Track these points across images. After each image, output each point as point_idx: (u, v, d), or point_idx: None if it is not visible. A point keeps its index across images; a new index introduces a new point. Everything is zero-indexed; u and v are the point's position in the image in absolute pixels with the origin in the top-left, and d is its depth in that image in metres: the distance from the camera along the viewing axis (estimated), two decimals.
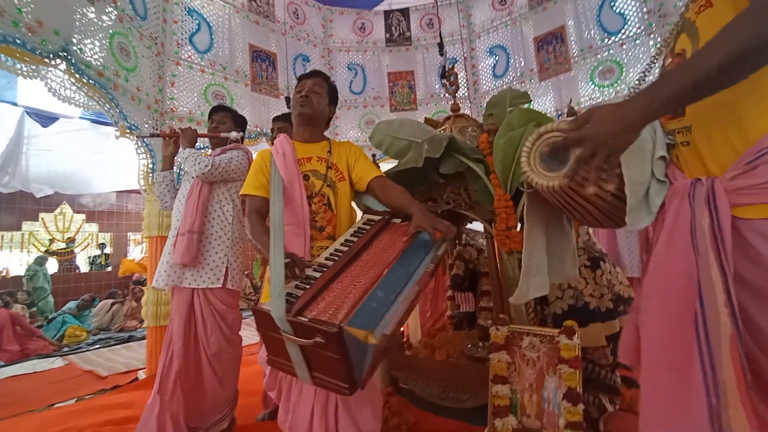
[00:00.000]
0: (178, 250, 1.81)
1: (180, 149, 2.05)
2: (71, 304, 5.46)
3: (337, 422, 1.26)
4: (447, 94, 2.43)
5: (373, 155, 2.44)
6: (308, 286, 1.10)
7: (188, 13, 3.48)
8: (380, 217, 1.49)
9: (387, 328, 0.98)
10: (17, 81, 5.82)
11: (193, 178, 1.94)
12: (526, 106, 2.13)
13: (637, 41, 3.87)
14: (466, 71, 4.96)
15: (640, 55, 3.87)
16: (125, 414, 2.17)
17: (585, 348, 1.81)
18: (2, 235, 6.47)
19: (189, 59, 3.44)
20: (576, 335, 1.55)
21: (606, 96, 4.09)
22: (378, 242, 1.34)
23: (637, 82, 0.98)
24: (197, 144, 2.09)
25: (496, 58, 4.81)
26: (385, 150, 2.17)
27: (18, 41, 1.96)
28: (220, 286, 1.86)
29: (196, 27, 3.50)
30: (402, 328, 2.63)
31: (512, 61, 4.67)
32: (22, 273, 6.57)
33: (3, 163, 6.07)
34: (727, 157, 0.77)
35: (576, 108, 4.27)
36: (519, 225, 1.90)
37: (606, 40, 4.04)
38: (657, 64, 1.01)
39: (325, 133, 1.69)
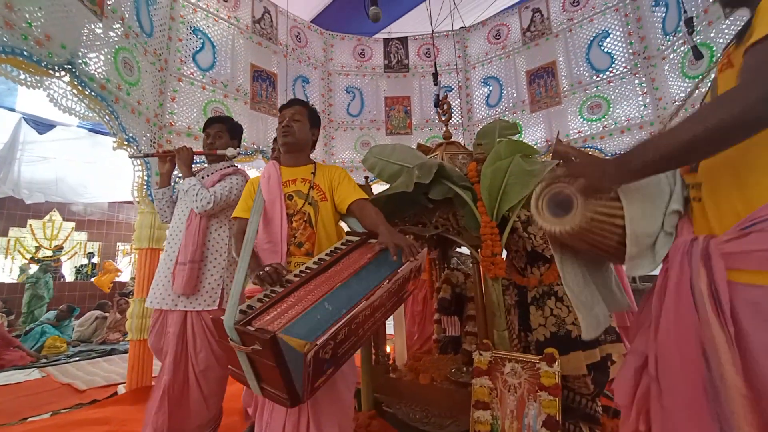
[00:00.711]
0: (179, 282, 1.82)
1: (177, 167, 2.08)
2: (50, 314, 5.34)
3: None
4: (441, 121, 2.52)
5: (366, 177, 2.50)
6: (268, 299, 1.14)
7: (193, 32, 3.59)
8: (359, 238, 1.52)
9: (321, 339, 0.99)
10: (18, 87, 5.87)
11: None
12: (515, 137, 2.22)
13: (624, 79, 4.06)
14: (460, 99, 5.12)
15: (626, 93, 4.05)
16: (102, 430, 2.12)
17: (566, 376, 1.83)
18: None
19: (191, 76, 3.52)
20: (556, 363, 1.58)
21: (594, 130, 4.25)
22: (347, 259, 1.36)
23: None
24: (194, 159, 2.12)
25: (490, 89, 4.98)
26: (377, 173, 2.23)
27: (25, 53, 2.01)
28: (216, 308, 1.87)
29: (200, 45, 3.61)
30: (389, 350, 2.63)
31: (505, 92, 4.84)
32: (5, 281, 6.44)
33: None
34: (730, 220, 0.79)
35: (564, 140, 4.43)
36: (504, 252, 1.96)
37: (594, 77, 4.22)
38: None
39: (320, 152, 1.85)
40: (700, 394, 0.74)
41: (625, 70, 4.04)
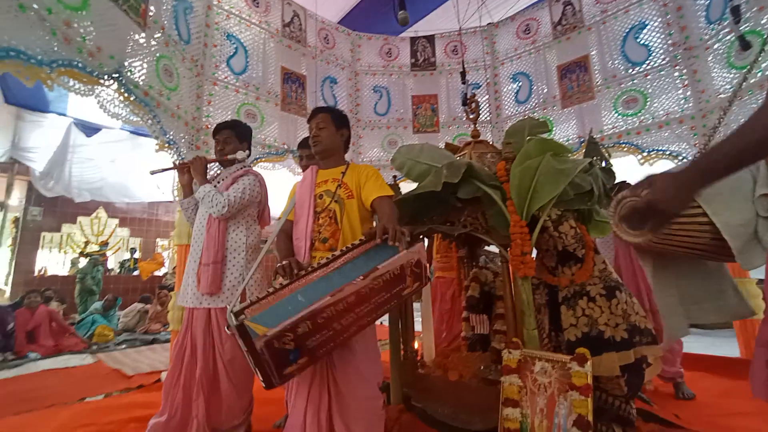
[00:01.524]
0: (204, 282, 1.93)
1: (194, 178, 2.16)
2: (98, 305, 5.72)
3: (331, 427, 1.33)
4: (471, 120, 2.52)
5: (394, 176, 2.54)
6: (272, 291, 1.23)
7: (227, 37, 3.74)
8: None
9: (273, 330, 1.05)
10: (68, 94, 6.30)
11: None
12: (545, 135, 2.19)
13: (662, 72, 3.89)
14: (488, 96, 5.06)
15: (665, 86, 3.88)
16: (148, 413, 2.27)
17: (598, 377, 1.80)
18: (44, 236, 6.86)
19: (225, 80, 3.68)
20: (587, 363, 1.57)
21: (629, 125, 4.09)
22: (350, 255, 1.35)
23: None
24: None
25: (519, 85, 4.89)
26: (405, 173, 2.26)
27: (80, 65, 2.18)
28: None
29: (234, 51, 3.75)
30: (417, 347, 2.66)
31: (535, 87, 4.75)
32: (59, 272, 6.94)
33: (49, 170, 6.52)
34: None
35: (598, 136, 4.29)
36: (534, 251, 1.95)
37: (630, 71, 4.07)
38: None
39: (348, 151, 1.90)
40: None
41: (663, 62, 3.87)
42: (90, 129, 6.77)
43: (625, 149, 4.12)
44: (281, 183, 3.61)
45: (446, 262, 3.56)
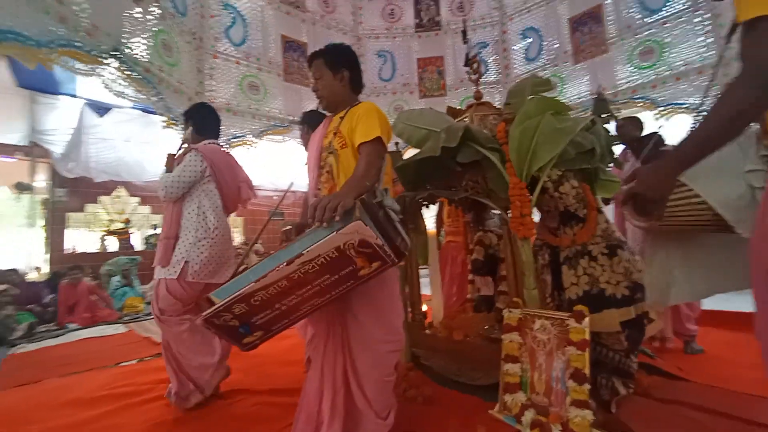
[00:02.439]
0: (158, 254, 2.07)
1: None
2: (118, 282, 6.08)
3: (348, 388, 1.40)
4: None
5: (396, 143, 2.53)
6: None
7: (224, 7, 3.66)
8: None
9: (211, 309, 1.15)
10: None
11: None
12: (548, 94, 2.13)
13: (682, 19, 3.65)
14: (497, 55, 4.88)
15: (684, 34, 3.65)
16: None
17: (599, 333, 1.85)
18: (69, 216, 7.15)
19: (225, 52, 3.64)
20: (585, 320, 1.61)
21: (645, 78, 3.90)
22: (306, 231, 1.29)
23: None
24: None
25: (529, 41, 4.68)
26: (406, 139, 2.26)
27: (78, 44, 2.20)
28: (175, 278, 2.02)
29: (232, 21, 3.69)
30: (425, 309, 2.75)
31: (545, 43, 4.54)
32: (87, 249, 7.28)
33: (68, 151, 6.68)
34: None
35: (612, 91, 4.12)
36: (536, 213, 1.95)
37: (646, 19, 3.83)
38: None
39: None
40: None
41: (683, 7, 3.62)
42: (101, 109, 6.86)
43: (640, 105, 3.95)
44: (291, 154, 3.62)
45: (456, 227, 3.58)
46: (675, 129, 3.58)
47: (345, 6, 4.82)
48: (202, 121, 2.27)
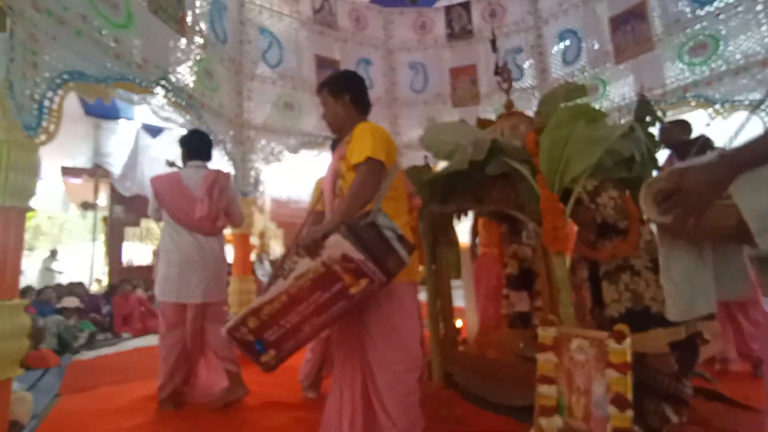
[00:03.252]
0: None
1: None
2: None
3: (368, 407, 1.39)
4: (515, 85, 2.40)
5: (425, 156, 2.52)
6: None
7: (260, 32, 3.86)
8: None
9: (235, 319, 1.26)
10: None
11: None
12: (590, 97, 2.04)
13: (739, 8, 3.36)
14: (533, 60, 4.75)
15: (743, 25, 3.35)
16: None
17: (645, 354, 1.71)
18: (127, 231, 7.77)
19: (262, 75, 3.83)
20: (626, 340, 1.49)
21: (698, 75, 3.62)
22: None
23: None
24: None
25: (567, 44, 4.52)
26: (434, 153, 2.25)
27: (131, 78, 2.40)
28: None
29: (268, 44, 3.88)
30: (460, 325, 2.69)
31: (585, 44, 4.35)
32: (143, 263, 7.85)
33: (125, 171, 7.30)
34: None
35: (659, 91, 3.86)
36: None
37: (698, 12, 3.57)
38: None
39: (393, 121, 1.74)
40: None
41: None
42: (154, 131, 7.43)
43: (693, 104, 3.67)
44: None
45: (490, 238, 3.49)
46: (727, 128, 3.29)
47: (376, 21, 4.91)
48: (188, 146, 2.50)
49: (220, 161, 3.41)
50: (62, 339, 3.95)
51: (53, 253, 7.40)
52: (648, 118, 2.15)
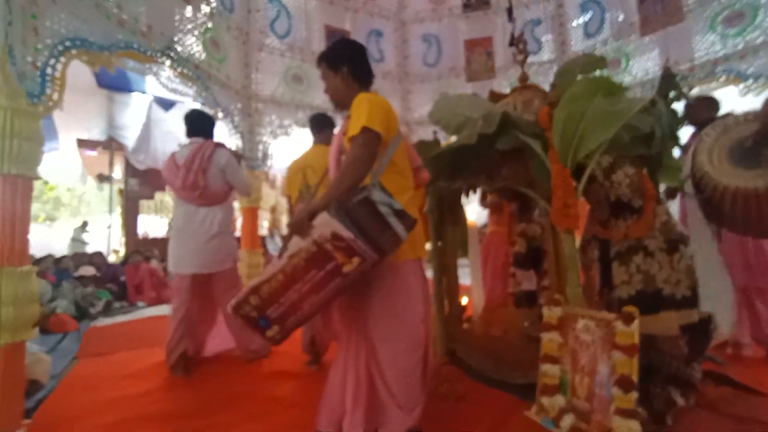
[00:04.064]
0: None
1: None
2: None
3: (371, 380, 1.39)
4: (532, 58, 2.29)
5: (434, 131, 2.45)
6: None
7: (269, 1, 3.74)
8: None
9: (239, 296, 1.27)
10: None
11: None
12: (609, 72, 1.93)
13: None
14: (553, 33, 4.53)
15: None
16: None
17: (654, 337, 1.67)
18: (142, 203, 7.91)
19: (270, 45, 3.73)
20: (634, 322, 1.45)
21: (730, 48, 3.41)
22: None
23: None
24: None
25: (589, 15, 4.28)
26: (443, 126, 2.17)
27: (135, 46, 2.35)
28: None
29: (276, 14, 3.76)
30: (464, 303, 2.67)
31: (608, 15, 4.12)
32: (158, 235, 8.02)
33: (139, 144, 7.34)
34: None
35: (687, 65, 3.64)
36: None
37: None
38: None
39: (397, 108, 1.65)
40: None
41: None
42: (167, 104, 7.41)
43: (722, 79, 3.47)
44: None
45: (499, 217, 3.43)
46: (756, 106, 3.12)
47: None
48: (188, 125, 2.53)
49: (227, 134, 3.39)
50: (79, 305, 4.09)
51: (84, 225, 7.55)
52: (672, 94, 2.03)
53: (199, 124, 2.52)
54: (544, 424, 1.59)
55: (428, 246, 2.22)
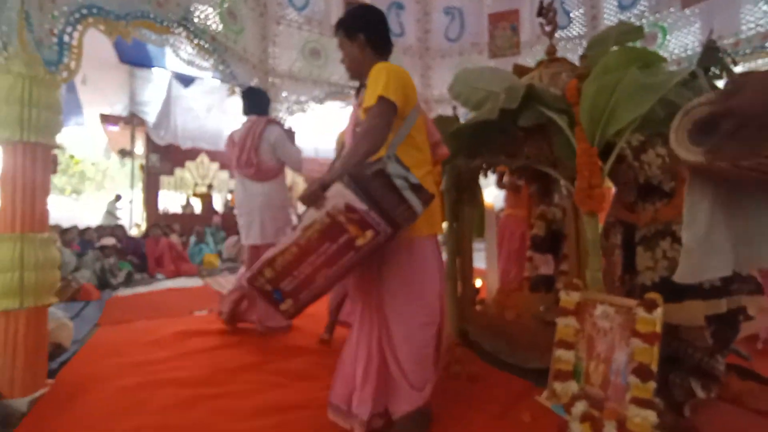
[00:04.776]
0: None
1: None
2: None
3: (382, 356, 1.38)
4: (561, 33, 2.16)
5: (454, 107, 2.35)
6: None
7: None
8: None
9: (254, 268, 1.26)
10: (166, 48, 6.92)
11: None
12: (641, 44, 1.79)
13: None
14: (585, 6, 4.27)
15: None
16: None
17: (677, 326, 1.60)
18: (162, 179, 8.05)
19: (288, 18, 3.64)
20: (657, 310, 1.38)
21: None
22: None
23: None
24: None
25: None
26: (463, 102, 2.08)
27: (152, 15, 2.32)
28: None
29: None
30: (478, 285, 2.62)
31: None
32: (178, 211, 8.17)
33: (159, 120, 7.43)
34: None
35: (731, 40, 3.38)
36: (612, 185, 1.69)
37: None
38: None
39: (417, 85, 1.58)
40: None
41: None
42: (187, 80, 7.44)
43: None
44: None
45: (517, 199, 3.33)
46: None
47: None
48: (244, 103, 2.63)
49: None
50: (101, 276, 4.24)
51: (117, 198, 7.73)
52: (714, 69, 1.88)
53: (253, 102, 2.61)
54: (555, 410, 1.56)
55: (444, 225, 2.17)
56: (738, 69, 3.18)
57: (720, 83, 1.95)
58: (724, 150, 0.68)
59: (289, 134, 2.59)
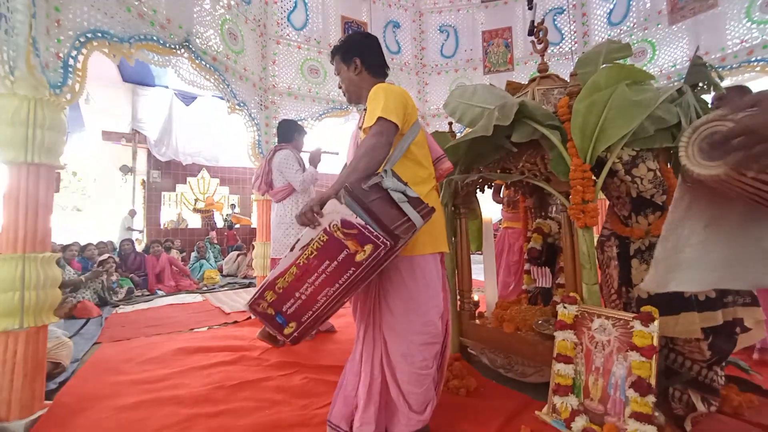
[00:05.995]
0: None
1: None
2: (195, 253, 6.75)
3: (383, 375, 1.38)
4: (553, 49, 2.22)
5: (450, 123, 2.40)
6: None
7: None
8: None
9: (255, 293, 1.24)
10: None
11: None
12: (633, 62, 1.84)
13: None
14: (575, 22, 4.37)
15: None
16: (239, 343, 2.69)
17: (674, 339, 1.61)
18: (163, 194, 8.10)
19: (287, 37, 3.73)
20: (653, 323, 1.40)
21: None
22: None
23: None
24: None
25: (614, 3, 4.11)
26: (458, 118, 2.12)
27: (154, 38, 2.38)
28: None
29: (293, 5, 3.76)
30: (477, 299, 2.63)
31: (634, 3, 3.94)
32: (178, 226, 8.20)
33: (161, 137, 7.52)
34: None
35: (719, 54, 3.46)
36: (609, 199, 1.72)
37: None
38: None
39: (414, 100, 1.61)
40: None
41: None
42: (187, 98, 7.55)
43: (758, 68, 3.28)
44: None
45: (515, 212, 3.36)
46: None
47: None
48: (279, 132, 2.93)
49: (244, 126, 3.41)
50: (102, 293, 4.23)
51: (132, 213, 7.71)
52: (702, 84, 1.93)
53: (279, 133, 2.92)
54: (555, 425, 1.55)
55: None
56: (725, 83, 3.27)
57: (707, 97, 2.00)
58: (746, 163, 0.71)
59: (315, 155, 2.80)
